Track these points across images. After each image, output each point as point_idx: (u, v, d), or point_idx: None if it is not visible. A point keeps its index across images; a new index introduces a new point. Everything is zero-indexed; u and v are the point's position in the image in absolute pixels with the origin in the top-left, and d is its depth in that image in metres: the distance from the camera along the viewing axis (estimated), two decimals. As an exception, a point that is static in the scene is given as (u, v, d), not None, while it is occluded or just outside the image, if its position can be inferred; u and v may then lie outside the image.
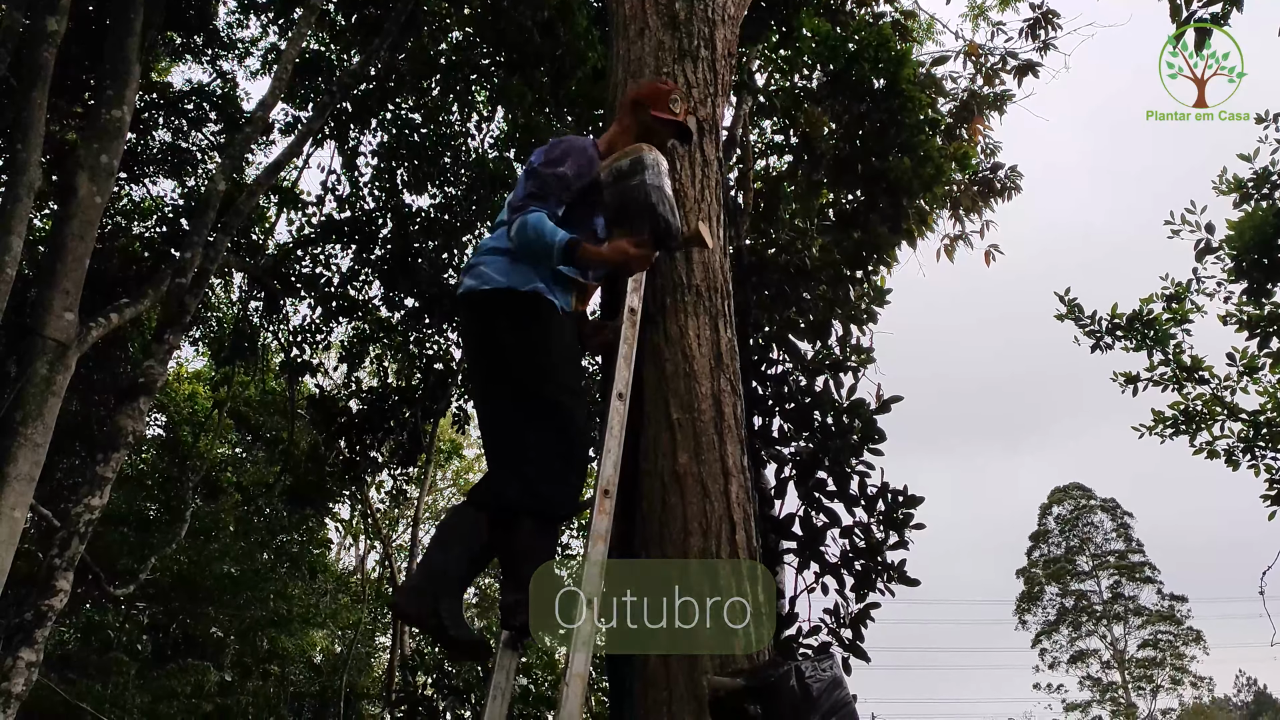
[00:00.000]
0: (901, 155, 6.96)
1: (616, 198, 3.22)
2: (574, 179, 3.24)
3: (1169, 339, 10.09)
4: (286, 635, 17.04)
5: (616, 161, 3.24)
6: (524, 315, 3.12)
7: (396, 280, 10.36)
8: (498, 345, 3.15)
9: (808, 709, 2.50)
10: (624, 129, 3.50)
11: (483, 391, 3.33)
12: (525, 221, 3.08)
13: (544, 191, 3.19)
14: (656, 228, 3.16)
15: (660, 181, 3.21)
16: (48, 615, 5.12)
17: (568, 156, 3.26)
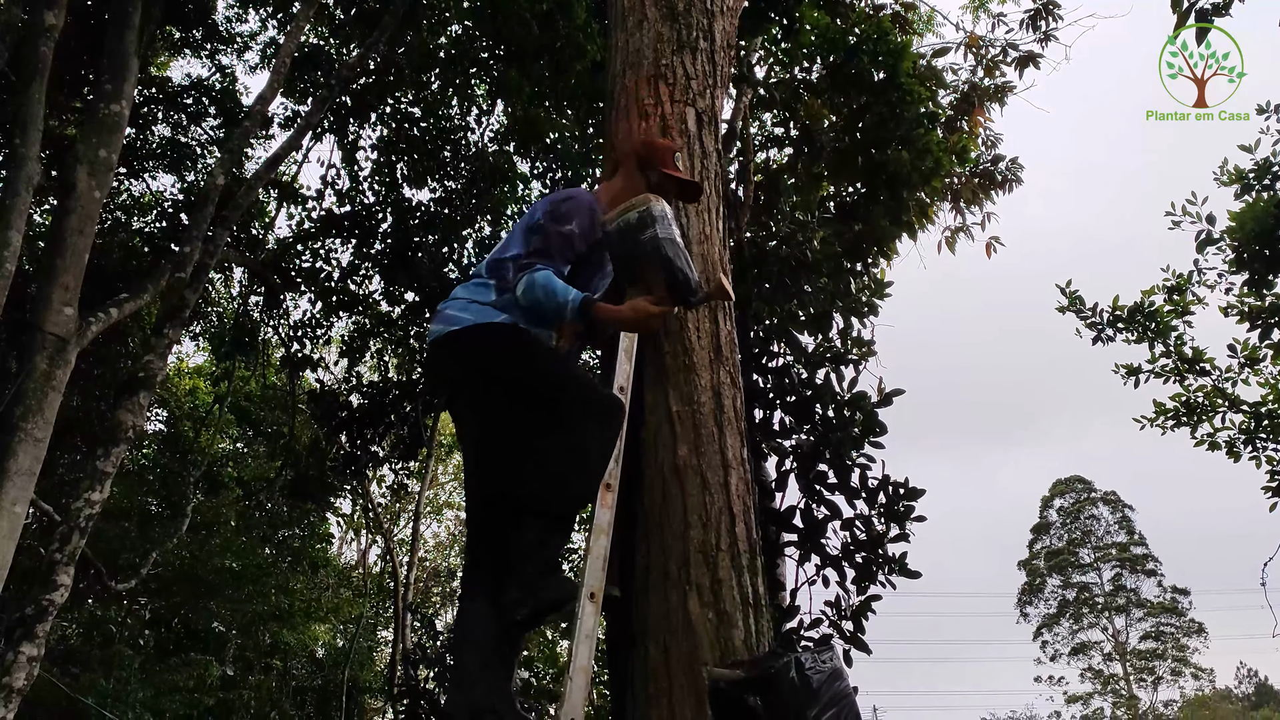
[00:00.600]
0: (902, 148, 6.95)
1: (626, 252, 3.11)
2: (579, 238, 3.15)
3: (1170, 331, 10.09)
4: (289, 629, 17.06)
5: (624, 214, 3.11)
6: (504, 340, 3.05)
7: (397, 275, 10.35)
8: (482, 370, 3.08)
9: (808, 700, 2.50)
10: (630, 185, 3.40)
11: (473, 422, 3.20)
12: (534, 280, 2.98)
13: (549, 249, 3.09)
14: (674, 282, 3.05)
15: (672, 234, 3.10)
16: (49, 610, 5.13)
17: (575, 215, 3.17)
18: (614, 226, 3.13)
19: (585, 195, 3.31)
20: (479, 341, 3.04)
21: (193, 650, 15.74)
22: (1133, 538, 44.49)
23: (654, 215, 3.07)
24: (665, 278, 3.03)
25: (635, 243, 3.06)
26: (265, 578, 15.82)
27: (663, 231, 3.05)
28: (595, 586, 2.76)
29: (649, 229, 3.04)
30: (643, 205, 3.10)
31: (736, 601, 3.02)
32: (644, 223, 3.06)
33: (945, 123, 8.12)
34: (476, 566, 2.98)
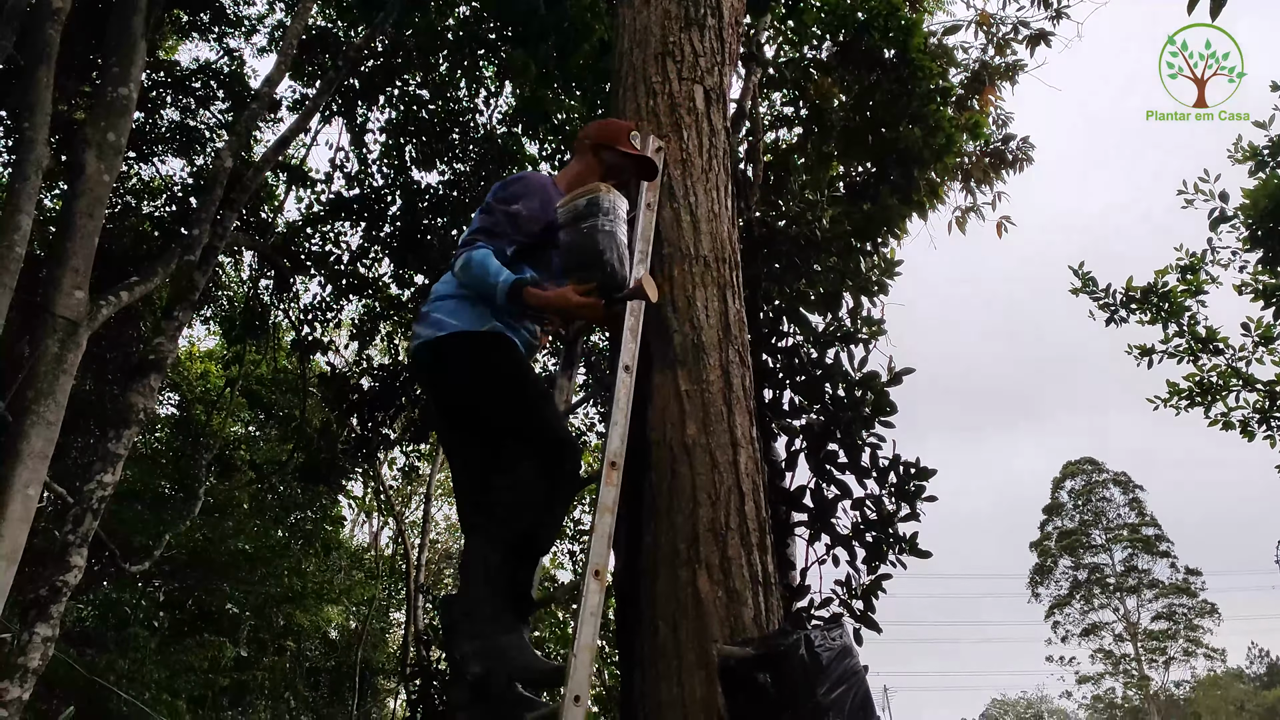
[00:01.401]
0: (912, 125, 6.90)
1: (569, 240, 3.04)
2: (526, 220, 3.10)
3: (1183, 311, 10.02)
4: (301, 611, 17.19)
5: (573, 200, 3.05)
6: (481, 353, 3.00)
7: (406, 257, 10.35)
8: (458, 389, 3.03)
9: (818, 677, 2.49)
10: (587, 167, 3.38)
11: (450, 441, 3.16)
12: (470, 258, 2.95)
13: (495, 228, 3.05)
14: (603, 275, 2.98)
15: (614, 227, 3.02)
16: (63, 591, 5.16)
17: (523, 195, 3.13)
18: (563, 213, 3.07)
19: (538, 176, 3.27)
20: (462, 355, 2.99)
21: (206, 631, 15.87)
22: (1144, 519, 44.45)
23: (599, 205, 3.00)
24: (597, 270, 2.97)
25: (576, 230, 3.00)
26: (278, 560, 15.93)
27: (603, 223, 2.98)
28: (600, 564, 2.75)
29: (592, 218, 2.98)
30: (591, 193, 3.03)
31: (746, 580, 3.01)
32: (589, 211, 2.99)
33: (956, 101, 8.06)
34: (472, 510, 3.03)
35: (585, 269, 2.98)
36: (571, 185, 3.28)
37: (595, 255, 2.96)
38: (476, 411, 3.03)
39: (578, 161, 3.43)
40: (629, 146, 3.37)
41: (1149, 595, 42.80)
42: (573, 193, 3.08)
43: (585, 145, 3.42)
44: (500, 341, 3.01)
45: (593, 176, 3.30)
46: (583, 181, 3.26)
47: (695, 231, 3.62)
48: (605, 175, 3.32)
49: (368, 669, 19.19)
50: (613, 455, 2.95)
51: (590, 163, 3.38)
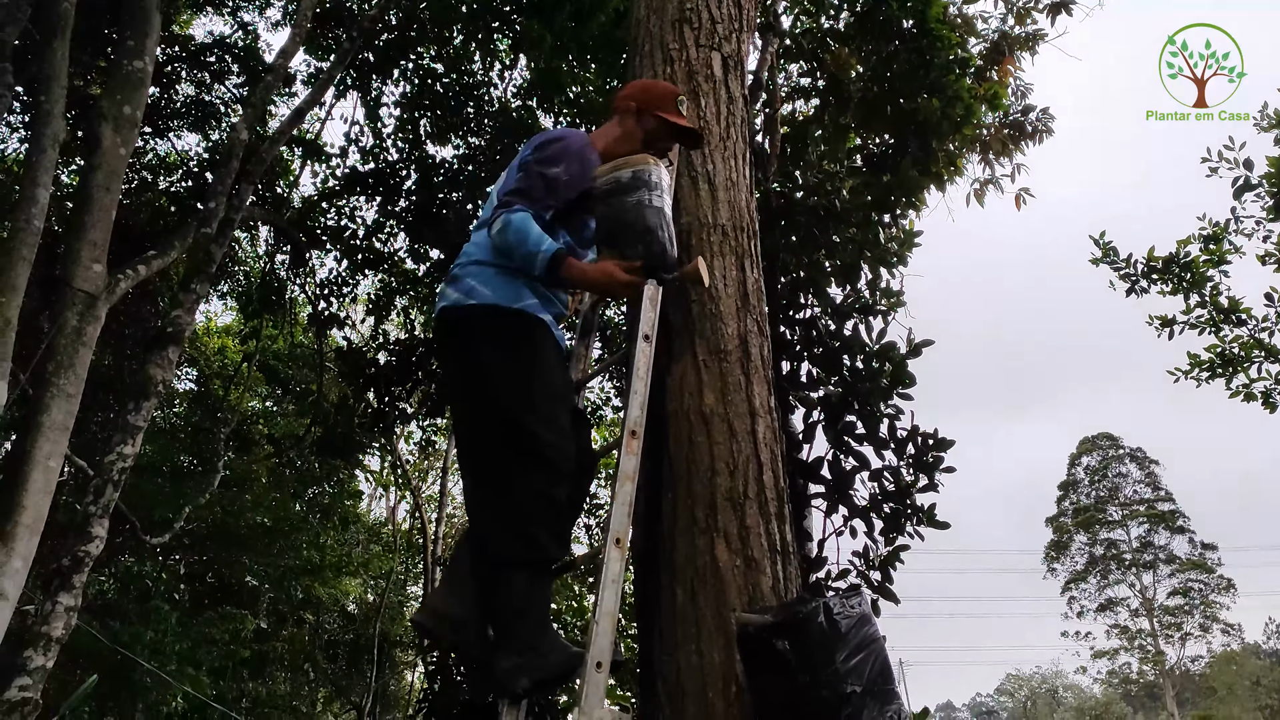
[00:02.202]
0: (930, 96, 6.82)
1: (611, 213, 2.89)
2: (566, 185, 2.92)
3: (1206, 281, 9.92)
4: (320, 584, 17.35)
5: (616, 171, 2.90)
6: (510, 334, 2.82)
7: (421, 232, 10.33)
8: (481, 369, 2.82)
9: (836, 645, 2.49)
10: (626, 132, 3.18)
11: (464, 422, 2.97)
12: (509, 221, 2.76)
13: (533, 190, 2.85)
14: (651, 254, 2.83)
15: (663, 203, 2.89)
16: (85, 561, 5.22)
17: (563, 158, 2.93)
18: (603, 182, 2.92)
19: (578, 138, 3.06)
20: (493, 335, 2.81)
21: (226, 604, 16.04)
22: (1159, 494, 44.32)
23: (647, 179, 2.86)
24: (643, 247, 2.82)
25: (621, 204, 2.86)
26: (296, 533, 16.07)
27: (652, 198, 2.85)
28: (621, 532, 2.75)
29: (638, 191, 2.85)
30: (639, 165, 2.89)
31: (764, 548, 3.01)
32: (635, 184, 2.86)
33: (975, 72, 7.97)
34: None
35: (630, 244, 2.84)
36: (610, 149, 3.14)
37: (645, 232, 2.82)
38: (488, 392, 2.81)
39: (617, 124, 3.22)
40: (675, 114, 3.19)
41: (1165, 571, 42.73)
42: (614, 162, 2.96)
43: (629, 107, 3.20)
44: (529, 324, 2.84)
45: (632, 142, 3.15)
46: (622, 146, 3.13)
47: (713, 200, 3.60)
48: (645, 141, 3.16)
49: (386, 641, 19.37)
50: (632, 424, 2.94)
51: (631, 127, 3.18)
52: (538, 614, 2.65)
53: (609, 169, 2.92)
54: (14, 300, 5.42)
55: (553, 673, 2.59)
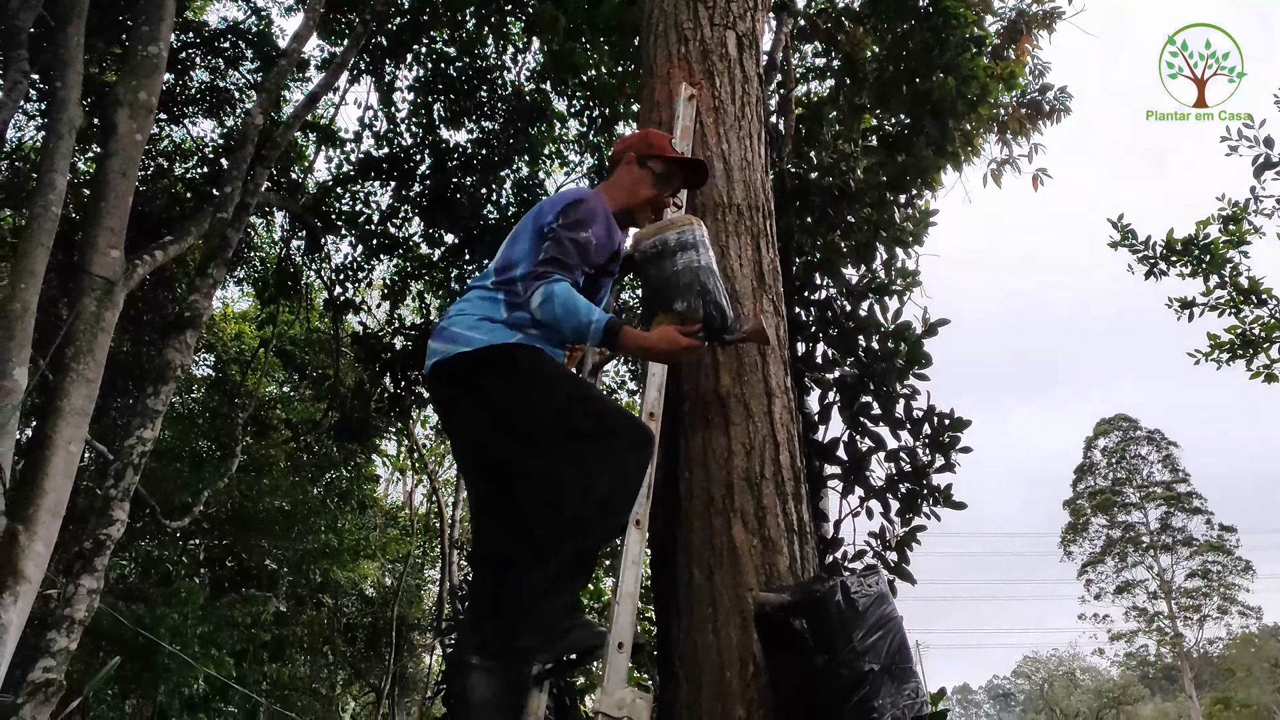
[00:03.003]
0: (946, 75, 6.77)
1: (660, 278, 2.81)
2: (597, 249, 2.82)
3: (1225, 262, 9.82)
4: (338, 567, 17.47)
5: (661, 234, 2.84)
6: (513, 363, 2.72)
7: (436, 216, 10.34)
8: (496, 404, 2.73)
9: (854, 623, 2.49)
10: (635, 180, 3.09)
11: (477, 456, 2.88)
12: (552, 293, 2.63)
13: (566, 258, 2.73)
14: (710, 318, 2.75)
15: (710, 262, 2.83)
16: (106, 544, 5.25)
17: (591, 221, 2.83)
18: (647, 245, 2.86)
19: (597, 200, 2.96)
20: (494, 367, 2.71)
21: (246, 587, 16.18)
22: (1177, 476, 44.07)
23: (694, 240, 2.81)
24: (701, 312, 2.75)
25: (671, 268, 2.79)
26: (315, 517, 16.17)
27: (701, 259, 2.80)
28: (640, 513, 2.76)
29: (686, 253, 2.79)
30: (683, 226, 2.84)
31: (781, 528, 3.02)
32: (682, 246, 2.80)
33: (992, 51, 7.90)
34: (477, 624, 2.63)
35: (689, 308, 2.75)
36: (625, 202, 3.06)
37: (703, 294, 2.76)
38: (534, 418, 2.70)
39: (624, 175, 3.13)
40: (675, 153, 3.15)
41: (1184, 553, 42.54)
42: (656, 225, 2.90)
43: (630, 158, 3.14)
44: (529, 350, 2.75)
45: (645, 187, 3.07)
46: (635, 195, 3.06)
47: (728, 180, 3.59)
48: (656, 186, 3.09)
49: (404, 625, 19.51)
50: (650, 406, 2.95)
51: (640, 175, 3.09)
52: (566, 600, 2.56)
53: (651, 232, 2.87)
54: (33, 286, 5.45)
55: (577, 650, 2.53)
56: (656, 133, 3.29)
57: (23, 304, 5.33)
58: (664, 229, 2.84)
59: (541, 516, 2.54)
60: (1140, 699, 51.52)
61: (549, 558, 2.50)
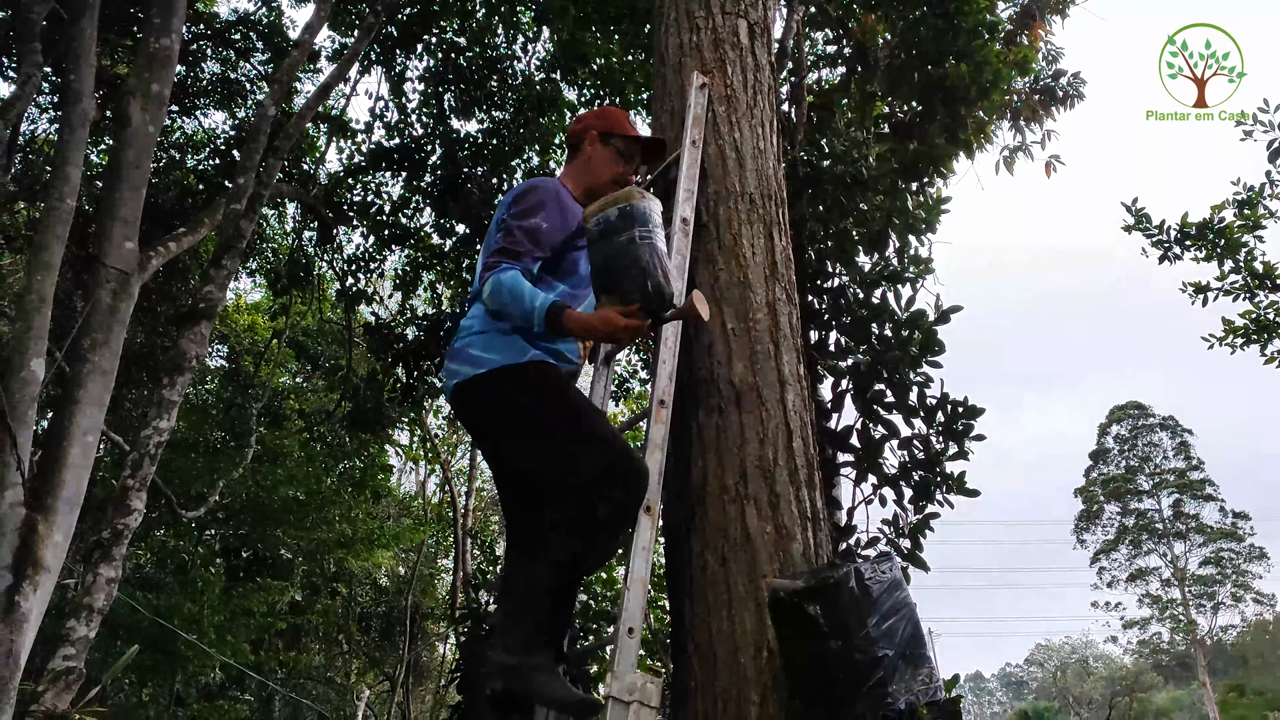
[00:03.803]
0: (959, 62, 6.74)
1: (603, 256, 2.73)
2: (548, 233, 2.88)
3: (1240, 246, 9.76)
4: (353, 556, 17.57)
5: (604, 210, 2.73)
6: (530, 383, 2.80)
7: (447, 206, 10.35)
8: (512, 421, 2.81)
9: (868, 609, 2.50)
10: (597, 158, 3.18)
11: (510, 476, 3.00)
12: (499, 281, 2.73)
13: (516, 247, 2.81)
14: (646, 298, 2.68)
15: (653, 238, 2.72)
16: (124, 534, 5.31)
17: (540, 206, 2.90)
18: (593, 224, 2.76)
19: (550, 184, 3.01)
20: (506, 396, 2.80)
21: (261, 576, 16.29)
22: (1191, 463, 43.89)
23: (634, 214, 2.70)
24: (637, 293, 2.67)
25: (613, 246, 2.70)
26: (329, 507, 16.26)
27: (640, 234, 2.69)
28: (652, 500, 2.78)
29: (628, 230, 2.69)
30: (624, 201, 2.72)
31: (795, 516, 3.03)
32: (624, 223, 2.70)
33: (1005, 37, 7.86)
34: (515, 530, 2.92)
35: (626, 288, 2.70)
36: (582, 181, 3.15)
37: (639, 273, 2.68)
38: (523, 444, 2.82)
39: (585, 156, 3.21)
40: (633, 130, 3.24)
41: (1197, 540, 42.41)
42: (599, 201, 2.80)
43: (591, 136, 3.21)
44: (542, 368, 2.82)
45: (606, 167, 3.16)
46: (595, 174, 3.14)
47: (740, 168, 3.59)
48: (618, 163, 3.17)
49: (417, 614, 19.61)
50: (661, 394, 2.96)
51: (604, 153, 3.19)
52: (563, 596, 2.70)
53: (596, 209, 2.76)
54: (49, 278, 5.49)
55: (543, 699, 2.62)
56: (614, 110, 3.39)
57: (39, 296, 5.36)
58: (607, 204, 2.75)
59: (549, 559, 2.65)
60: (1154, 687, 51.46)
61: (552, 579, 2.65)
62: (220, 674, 14.50)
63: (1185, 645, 43.33)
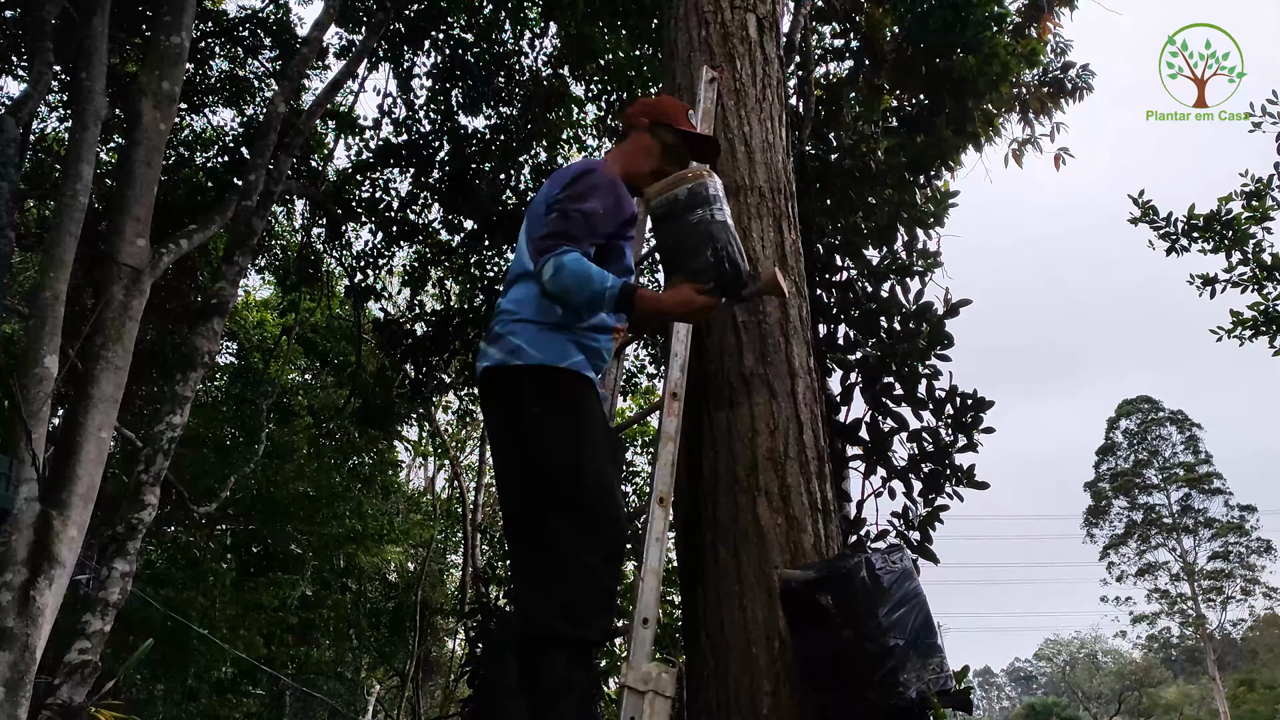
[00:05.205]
0: (966, 54, 6.74)
1: (673, 235, 2.71)
2: (604, 219, 2.76)
3: (1248, 238, 9.74)
4: (363, 552, 17.63)
5: (672, 189, 2.71)
6: (559, 395, 2.70)
7: (455, 203, 10.37)
8: (530, 429, 2.69)
9: (879, 599, 2.52)
10: (642, 147, 3.06)
11: (510, 482, 2.83)
12: (562, 264, 2.58)
13: (572, 229, 2.67)
14: (723, 274, 2.64)
15: (725, 215, 2.71)
16: (138, 528, 5.35)
17: (596, 190, 2.78)
18: (657, 203, 2.74)
19: (604, 170, 2.91)
20: (540, 397, 2.69)
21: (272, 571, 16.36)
22: (1199, 457, 43.77)
23: (706, 193, 2.68)
24: (714, 270, 2.64)
25: (683, 224, 2.67)
26: (339, 502, 16.31)
27: (713, 213, 2.67)
28: (664, 491, 2.80)
29: (699, 209, 2.66)
30: (694, 180, 2.70)
31: (805, 507, 3.05)
32: (693, 201, 2.67)
33: (1013, 30, 7.85)
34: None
35: (700, 266, 2.65)
36: (629, 169, 3.02)
37: (714, 251, 2.64)
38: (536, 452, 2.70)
39: (631, 142, 3.10)
40: (688, 125, 3.09)
41: (1206, 534, 42.33)
42: (665, 180, 2.77)
43: (640, 124, 3.09)
44: (579, 384, 2.72)
45: (651, 157, 3.03)
46: (642, 164, 3.02)
47: (750, 162, 3.61)
48: (663, 156, 3.04)
49: (427, 609, 19.67)
50: (673, 386, 2.98)
51: (647, 143, 3.05)
52: (581, 692, 2.49)
53: (662, 188, 2.75)
54: (62, 275, 5.53)
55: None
56: (673, 101, 3.25)
57: (53, 293, 5.40)
58: (674, 184, 2.73)
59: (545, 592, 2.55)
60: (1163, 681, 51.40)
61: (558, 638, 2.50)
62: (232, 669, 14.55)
63: (1194, 640, 43.28)
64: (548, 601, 2.51)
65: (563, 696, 2.44)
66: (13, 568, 4.73)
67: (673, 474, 2.85)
